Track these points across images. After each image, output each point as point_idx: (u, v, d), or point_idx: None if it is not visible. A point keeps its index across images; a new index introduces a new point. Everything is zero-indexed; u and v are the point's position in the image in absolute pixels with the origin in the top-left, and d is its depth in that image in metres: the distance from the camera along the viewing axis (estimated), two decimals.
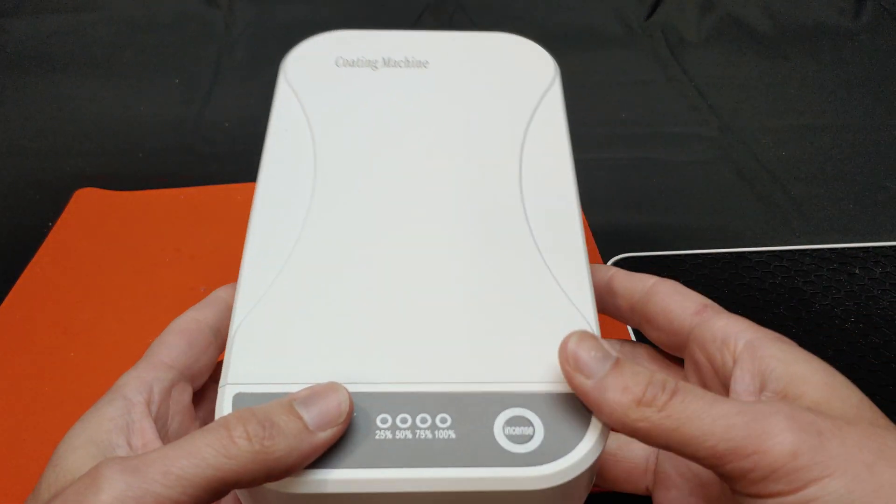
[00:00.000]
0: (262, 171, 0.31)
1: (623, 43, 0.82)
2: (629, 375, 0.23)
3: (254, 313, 0.26)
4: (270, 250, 0.28)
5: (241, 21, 0.81)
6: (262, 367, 0.24)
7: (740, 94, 0.75)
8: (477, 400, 0.24)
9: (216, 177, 0.58)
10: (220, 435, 0.21)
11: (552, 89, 0.35)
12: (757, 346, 0.24)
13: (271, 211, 0.30)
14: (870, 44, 0.82)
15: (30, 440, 0.37)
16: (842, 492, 0.20)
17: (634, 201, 0.59)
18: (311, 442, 0.22)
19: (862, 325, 0.45)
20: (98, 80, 0.73)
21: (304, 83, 0.35)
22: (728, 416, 0.21)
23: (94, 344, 0.42)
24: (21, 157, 0.63)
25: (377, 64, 0.36)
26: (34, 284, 0.46)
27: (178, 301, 0.45)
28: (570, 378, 0.23)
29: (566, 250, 0.29)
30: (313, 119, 0.33)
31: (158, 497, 0.19)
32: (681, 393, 0.22)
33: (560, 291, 0.27)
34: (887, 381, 0.41)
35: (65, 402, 0.39)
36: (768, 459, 0.20)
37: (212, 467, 0.20)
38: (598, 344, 0.24)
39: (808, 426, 0.21)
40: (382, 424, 0.23)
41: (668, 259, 0.50)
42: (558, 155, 0.32)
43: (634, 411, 0.22)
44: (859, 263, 0.50)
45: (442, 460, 0.22)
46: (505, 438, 0.23)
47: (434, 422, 0.23)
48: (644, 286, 0.29)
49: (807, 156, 0.65)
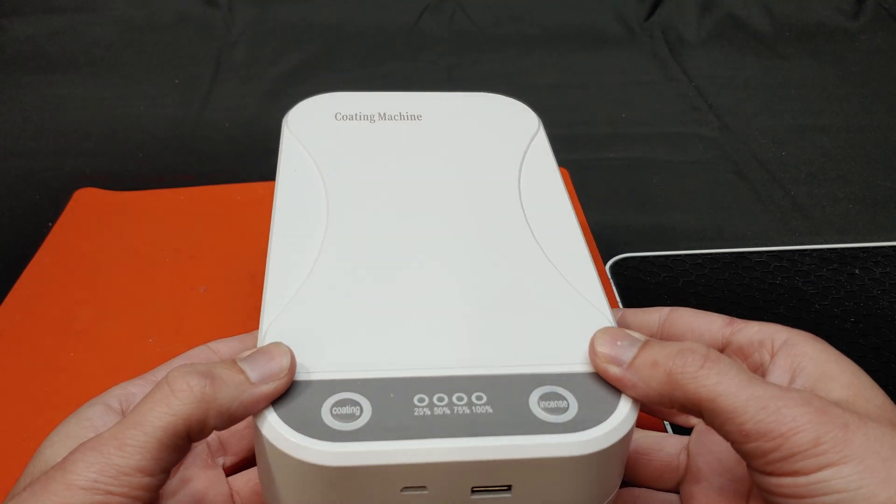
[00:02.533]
0: (276, 207, 0.32)
1: (623, 43, 0.82)
2: (658, 350, 0.24)
3: (284, 314, 0.27)
4: (293, 264, 0.29)
5: (241, 21, 0.81)
6: (299, 358, 0.25)
7: (740, 94, 0.75)
8: (510, 380, 0.25)
9: (216, 177, 0.58)
10: (164, 393, 0.22)
11: (538, 135, 0.38)
12: (792, 345, 0.25)
13: (291, 231, 0.31)
14: (870, 44, 0.82)
15: (30, 440, 0.37)
16: (853, 477, 0.21)
17: (634, 201, 0.59)
18: (253, 392, 0.23)
19: (862, 326, 0.45)
20: (98, 80, 0.73)
21: (308, 133, 0.37)
22: (763, 398, 0.22)
23: (94, 344, 0.42)
24: (21, 157, 0.63)
25: (374, 118, 0.39)
26: (34, 284, 0.46)
27: (178, 301, 0.45)
28: (604, 371, 0.25)
29: (572, 256, 0.30)
30: (319, 160, 0.35)
31: (119, 467, 0.21)
32: (713, 361, 0.23)
33: (574, 291, 0.29)
34: (887, 381, 0.41)
35: (65, 402, 0.39)
36: (790, 444, 0.21)
37: (160, 428, 0.21)
38: (623, 333, 0.25)
39: (835, 418, 0.21)
40: (420, 403, 0.24)
41: (668, 259, 0.50)
42: (552, 183, 0.35)
43: (667, 383, 0.23)
44: (859, 263, 0.50)
45: (481, 430, 0.23)
46: (541, 410, 0.24)
47: (470, 399, 0.24)
48: (660, 316, 0.30)
49: (807, 156, 0.65)
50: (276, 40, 0.80)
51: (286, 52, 0.78)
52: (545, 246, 0.31)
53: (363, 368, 0.25)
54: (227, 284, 0.47)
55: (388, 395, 0.24)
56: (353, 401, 0.24)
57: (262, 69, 0.76)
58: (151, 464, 0.21)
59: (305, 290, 0.28)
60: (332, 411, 0.23)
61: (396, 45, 0.81)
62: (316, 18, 0.82)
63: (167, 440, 0.22)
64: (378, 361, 0.25)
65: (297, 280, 0.28)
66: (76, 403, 0.38)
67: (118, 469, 0.21)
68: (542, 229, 0.32)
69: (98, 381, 0.40)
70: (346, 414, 0.23)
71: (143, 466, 0.21)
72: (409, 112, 0.39)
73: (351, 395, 0.24)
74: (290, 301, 0.27)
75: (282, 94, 0.73)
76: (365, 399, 0.24)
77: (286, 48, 0.79)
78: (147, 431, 0.21)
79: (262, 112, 0.70)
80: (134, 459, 0.21)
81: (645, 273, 0.49)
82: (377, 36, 0.81)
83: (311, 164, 0.35)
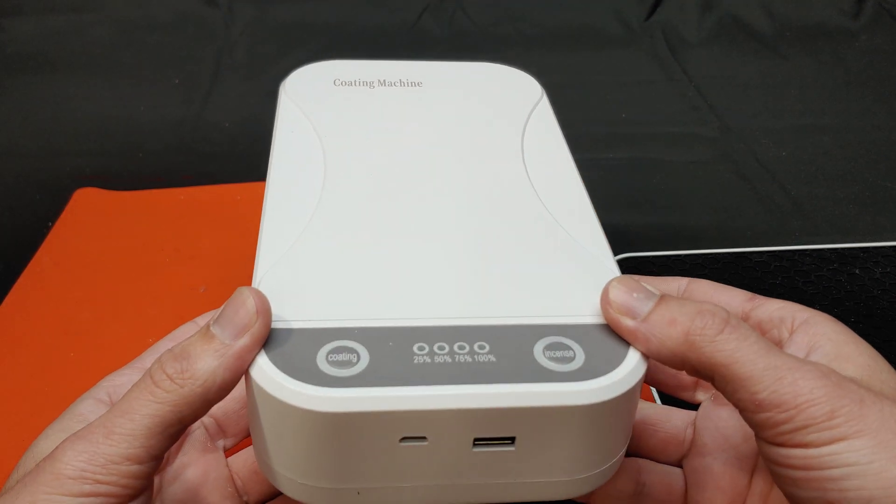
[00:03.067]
0: (272, 163, 0.31)
1: (623, 43, 0.82)
2: (676, 308, 0.23)
3: (278, 265, 0.26)
4: (289, 216, 0.28)
5: (240, 21, 0.81)
6: (294, 307, 0.24)
7: (740, 94, 0.75)
8: (514, 330, 0.24)
9: (216, 177, 0.58)
10: (146, 384, 0.22)
11: (541, 102, 0.37)
12: (812, 324, 0.25)
13: (286, 184, 0.30)
14: (870, 44, 0.82)
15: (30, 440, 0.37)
16: (864, 451, 0.20)
17: (634, 201, 0.59)
18: (232, 353, 0.22)
19: (862, 326, 0.45)
20: (98, 80, 0.73)
21: (306, 98, 0.36)
22: (780, 368, 0.21)
23: (94, 344, 0.42)
24: (21, 157, 0.63)
25: (374, 84, 0.37)
26: (34, 284, 0.46)
27: (178, 301, 0.45)
28: (617, 322, 0.24)
29: (577, 212, 0.30)
30: (317, 122, 0.34)
31: (108, 456, 0.21)
32: (732, 327, 0.22)
33: (579, 244, 0.28)
34: None
35: (65, 402, 0.39)
36: (805, 415, 0.21)
37: (147, 416, 0.21)
38: (638, 285, 0.24)
39: (851, 392, 0.21)
40: (419, 351, 0.23)
41: (668, 259, 0.50)
42: (556, 146, 0.34)
43: (683, 343, 0.22)
44: (859, 264, 0.50)
45: (484, 378, 0.22)
46: (546, 360, 0.23)
47: (473, 348, 0.23)
48: (679, 286, 0.29)
49: (807, 156, 0.65)
50: (276, 40, 0.80)
51: (286, 52, 0.78)
52: (549, 202, 0.30)
53: (361, 317, 0.24)
54: (227, 284, 0.46)
55: (387, 343, 0.23)
56: (349, 348, 0.23)
57: (262, 69, 0.76)
58: (140, 451, 0.21)
59: (301, 242, 0.27)
60: (328, 358, 0.22)
61: (396, 45, 0.81)
62: (316, 18, 0.82)
63: (155, 427, 0.21)
64: (377, 311, 0.24)
65: (293, 233, 0.27)
66: None
67: (106, 457, 0.21)
68: (545, 187, 0.31)
69: (98, 382, 0.40)
70: (343, 361, 0.22)
71: (132, 454, 0.21)
72: (409, 79, 0.38)
73: (348, 342, 0.23)
74: (285, 253, 0.26)
75: None
76: (362, 346, 0.23)
77: (286, 48, 0.79)
78: (134, 419, 0.21)
79: (263, 112, 0.70)
80: (122, 447, 0.21)
81: (645, 273, 0.49)
82: (377, 36, 0.81)
83: (308, 125, 0.34)
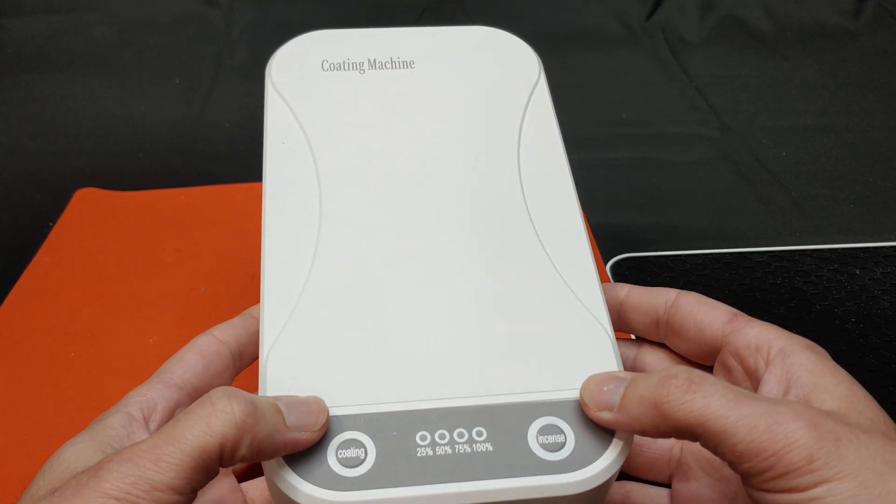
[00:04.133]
0: (266, 192, 0.31)
1: (623, 43, 0.82)
2: (641, 385, 0.24)
3: (282, 337, 0.27)
4: (287, 274, 0.28)
5: (241, 21, 0.81)
6: (297, 386, 0.25)
7: (740, 94, 0.75)
8: (509, 411, 0.25)
9: (216, 177, 0.58)
10: (206, 411, 0.22)
11: (539, 85, 0.36)
12: (788, 354, 0.25)
13: (283, 233, 0.29)
14: (870, 44, 0.82)
15: (30, 440, 0.37)
16: (848, 494, 0.20)
17: (634, 201, 0.59)
18: (287, 436, 0.23)
19: (862, 326, 0.45)
20: (98, 80, 0.73)
21: (293, 91, 0.34)
22: (752, 416, 0.22)
23: (94, 344, 0.42)
24: (21, 157, 0.63)
25: (363, 66, 0.35)
26: (34, 284, 0.46)
27: (178, 301, 0.45)
28: (598, 419, 0.25)
29: (578, 262, 0.30)
30: (308, 130, 0.33)
31: (153, 483, 0.21)
32: (696, 383, 0.23)
33: (576, 300, 0.28)
34: (887, 381, 0.41)
35: (65, 402, 0.39)
36: (785, 462, 0.21)
37: (198, 448, 0.21)
38: (608, 377, 0.25)
39: (827, 433, 0.21)
40: (422, 442, 0.24)
41: (668, 259, 0.50)
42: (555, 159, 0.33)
43: (656, 415, 0.23)
44: (860, 264, 0.50)
45: (483, 473, 0.24)
46: (539, 447, 0.24)
47: (471, 436, 0.24)
48: (667, 299, 0.30)
49: (807, 156, 0.65)
50: (276, 40, 0.80)
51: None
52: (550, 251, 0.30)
53: (365, 402, 0.25)
54: (227, 284, 0.46)
55: (391, 433, 0.24)
56: (357, 441, 0.24)
57: (262, 69, 0.76)
58: (184, 483, 0.21)
59: (302, 308, 0.27)
60: (338, 454, 0.24)
61: None
62: (316, 18, 0.82)
63: (202, 460, 0.21)
64: (379, 392, 0.25)
65: (294, 294, 0.28)
66: (76, 403, 0.39)
67: (151, 484, 0.21)
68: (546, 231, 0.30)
69: (98, 381, 0.40)
70: (351, 458, 0.24)
71: (176, 485, 0.21)
72: (401, 58, 0.36)
73: (355, 434, 0.24)
74: (286, 324, 0.27)
75: None
76: (368, 439, 0.24)
77: None
78: (184, 449, 0.21)
79: (263, 112, 0.70)
80: (168, 476, 0.21)
81: (645, 273, 0.49)
82: None
83: (301, 136, 0.32)
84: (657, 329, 0.30)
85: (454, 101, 0.34)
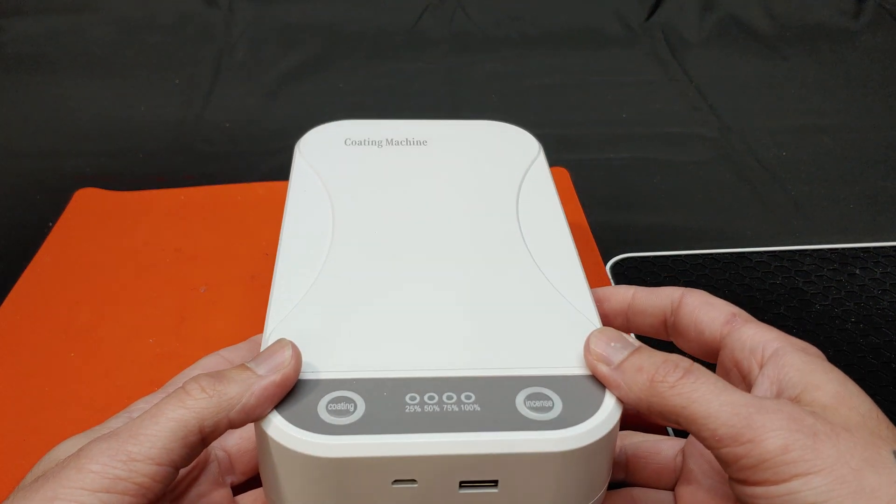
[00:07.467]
0: (286, 220, 0.35)
1: (623, 43, 0.82)
2: (645, 357, 0.25)
3: (288, 318, 0.29)
4: (299, 274, 0.31)
5: (241, 21, 0.81)
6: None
7: (740, 94, 0.75)
8: (498, 381, 0.26)
9: (216, 177, 0.58)
10: (177, 393, 0.24)
11: (538, 160, 0.40)
12: (781, 356, 0.26)
13: (297, 245, 0.33)
14: (870, 44, 0.82)
15: (30, 440, 0.37)
16: (822, 489, 0.21)
17: (634, 201, 0.59)
18: (262, 383, 0.24)
19: (862, 326, 0.45)
20: (98, 80, 0.73)
21: (318, 157, 0.40)
22: (734, 404, 0.23)
23: (94, 344, 0.42)
24: (21, 157, 0.63)
25: (382, 143, 0.41)
26: (34, 284, 0.46)
27: (178, 301, 0.45)
28: (594, 367, 0.26)
29: (563, 266, 0.32)
30: (328, 181, 0.37)
31: (130, 453, 0.22)
32: (693, 373, 0.24)
33: (564, 300, 0.30)
34: (887, 381, 0.41)
35: (65, 402, 0.39)
36: (759, 449, 0.22)
37: (172, 420, 0.23)
38: (617, 335, 0.26)
39: (805, 427, 0.22)
40: (411, 401, 0.25)
41: (668, 259, 0.50)
42: (548, 202, 0.37)
43: (647, 389, 0.24)
44: (860, 264, 0.50)
45: (469, 426, 0.24)
46: (527, 409, 0.25)
47: (460, 398, 0.25)
48: (672, 300, 0.30)
49: (807, 156, 0.65)
50: (276, 40, 0.80)
51: (286, 52, 0.78)
52: (539, 259, 0.32)
53: (359, 369, 0.26)
54: (227, 284, 0.46)
55: (382, 393, 0.25)
56: (347, 398, 0.25)
57: (262, 69, 0.76)
58: (162, 453, 0.22)
59: (308, 298, 0.30)
60: (328, 407, 0.25)
61: (396, 46, 0.81)
62: (316, 18, 0.82)
63: (178, 431, 0.22)
64: (373, 363, 0.27)
65: (301, 289, 0.30)
66: (76, 403, 0.39)
67: (129, 455, 0.22)
68: (536, 243, 0.33)
69: (98, 382, 0.40)
70: (341, 410, 0.25)
71: (154, 455, 0.22)
72: (415, 138, 0.42)
73: (346, 392, 0.25)
74: (293, 308, 0.29)
75: (282, 94, 0.73)
76: (359, 396, 0.25)
77: (286, 48, 0.79)
78: (159, 422, 0.22)
79: (263, 112, 0.70)
80: (145, 447, 0.22)
81: (645, 273, 0.49)
82: (377, 36, 0.81)
83: (319, 184, 0.37)
84: (665, 329, 0.31)
85: (461, 167, 0.40)
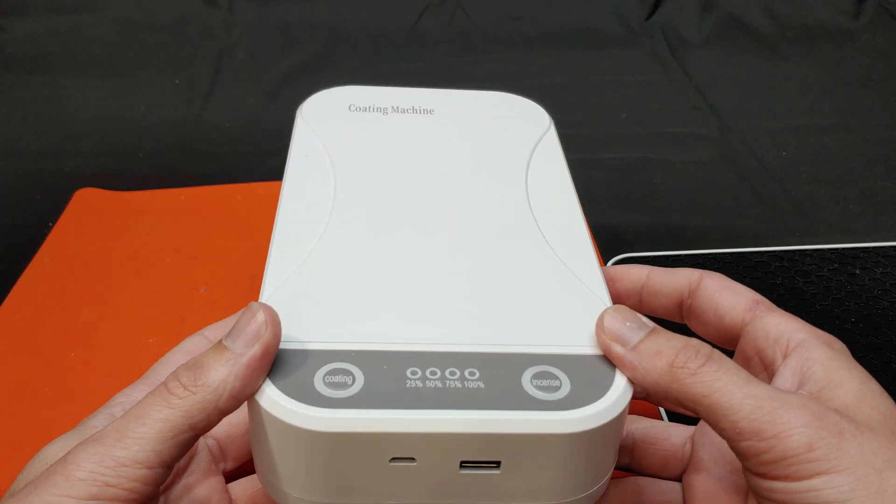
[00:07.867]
0: (285, 186, 0.33)
1: (623, 43, 0.82)
2: (663, 341, 0.24)
3: (284, 285, 0.27)
4: (297, 240, 0.29)
5: (241, 21, 0.81)
6: (295, 328, 0.25)
7: (740, 94, 0.75)
8: (503, 358, 0.25)
9: (216, 177, 0.58)
10: (160, 391, 0.22)
11: (549, 133, 0.38)
12: (806, 348, 0.25)
13: (296, 210, 0.31)
14: (870, 44, 0.82)
15: (30, 440, 0.37)
16: (844, 488, 0.20)
17: (634, 201, 0.59)
18: (243, 362, 0.23)
19: (862, 326, 0.45)
20: (98, 80, 0.73)
21: (321, 122, 0.38)
22: (759, 397, 0.22)
23: (94, 344, 0.42)
24: (21, 157, 0.63)
25: (387, 110, 0.39)
26: (34, 284, 0.46)
27: (178, 301, 0.45)
28: (608, 347, 0.24)
29: (573, 242, 0.31)
30: (330, 147, 0.35)
31: (118, 458, 0.21)
32: (715, 361, 0.23)
33: (574, 277, 0.29)
34: (887, 381, 0.41)
35: (65, 402, 0.39)
36: (783, 446, 0.21)
37: (159, 421, 0.22)
38: (633, 315, 0.25)
39: (830, 425, 0.21)
40: (412, 375, 0.24)
41: (668, 259, 0.50)
42: (559, 175, 0.35)
43: (666, 374, 0.23)
44: (860, 264, 0.50)
45: (472, 404, 0.23)
46: (533, 388, 0.24)
47: (463, 374, 0.24)
48: (690, 281, 0.29)
49: (807, 156, 0.65)
50: (276, 40, 0.80)
51: (286, 52, 0.78)
52: (548, 234, 0.31)
53: (358, 340, 0.25)
54: (227, 284, 0.46)
55: (382, 366, 0.24)
56: (345, 370, 0.24)
57: (263, 69, 0.76)
58: (151, 456, 0.21)
59: (306, 266, 0.28)
60: (325, 379, 0.23)
61: (396, 45, 0.81)
62: (316, 18, 0.82)
63: (167, 432, 0.22)
64: (374, 335, 0.25)
65: (300, 256, 0.28)
66: (76, 403, 0.39)
67: (117, 460, 0.21)
68: (546, 219, 0.32)
69: (98, 382, 0.40)
70: (339, 382, 0.23)
71: (143, 458, 0.21)
72: (422, 106, 0.39)
73: (344, 364, 0.24)
74: (290, 276, 0.27)
75: (282, 94, 0.73)
76: (357, 369, 0.24)
77: (286, 48, 0.79)
78: (146, 423, 0.22)
79: (263, 112, 0.70)
80: (133, 451, 0.21)
81: None
82: (377, 36, 0.81)
83: (321, 149, 0.35)
84: (680, 312, 0.30)
85: (469, 136, 0.38)
